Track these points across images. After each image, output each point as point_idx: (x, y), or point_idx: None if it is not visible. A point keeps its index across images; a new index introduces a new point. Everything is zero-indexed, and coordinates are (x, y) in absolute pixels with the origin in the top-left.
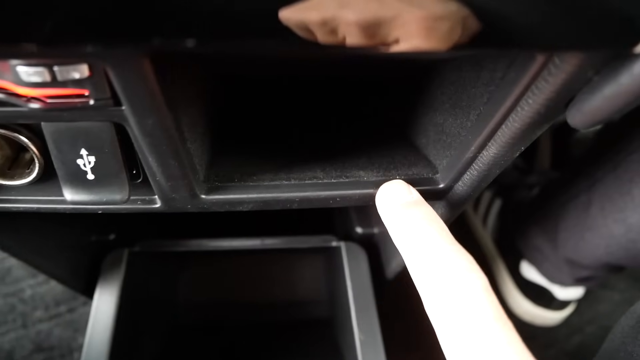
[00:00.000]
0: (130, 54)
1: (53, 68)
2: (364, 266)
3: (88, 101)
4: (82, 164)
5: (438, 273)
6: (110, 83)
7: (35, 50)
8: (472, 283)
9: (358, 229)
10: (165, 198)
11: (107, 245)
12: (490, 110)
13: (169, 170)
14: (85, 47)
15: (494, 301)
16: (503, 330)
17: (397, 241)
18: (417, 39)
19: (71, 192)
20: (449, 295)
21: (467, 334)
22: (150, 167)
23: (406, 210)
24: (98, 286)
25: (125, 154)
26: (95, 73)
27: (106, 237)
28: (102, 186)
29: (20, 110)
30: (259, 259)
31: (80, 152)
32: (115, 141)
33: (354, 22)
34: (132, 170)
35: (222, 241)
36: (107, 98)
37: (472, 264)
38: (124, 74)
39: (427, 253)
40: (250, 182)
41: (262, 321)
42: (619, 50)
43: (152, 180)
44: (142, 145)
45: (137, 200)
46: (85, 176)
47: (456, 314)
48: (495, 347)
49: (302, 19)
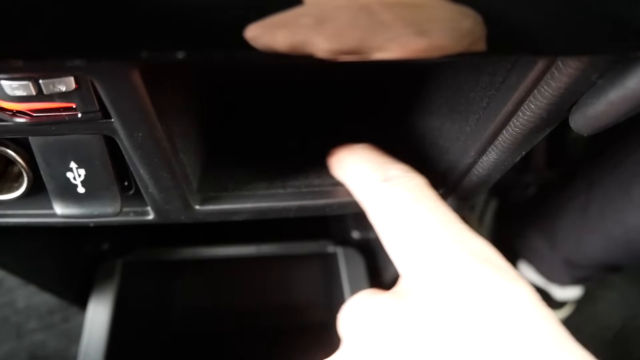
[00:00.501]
0: (118, 67)
1: (38, 81)
2: (361, 271)
3: (76, 114)
4: (72, 177)
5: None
6: (98, 95)
7: (21, 66)
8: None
9: (354, 233)
10: (158, 209)
11: (100, 255)
12: (490, 115)
13: (161, 182)
14: (72, 61)
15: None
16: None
17: (383, 236)
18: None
19: (61, 206)
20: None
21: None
22: (142, 179)
23: (388, 189)
24: (92, 296)
25: (116, 165)
26: (82, 85)
27: (99, 247)
28: (93, 199)
29: (5, 124)
30: (255, 266)
31: (70, 165)
32: (105, 153)
33: (327, 51)
34: (123, 182)
35: (217, 249)
36: (96, 111)
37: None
38: (111, 86)
39: (421, 251)
40: (245, 191)
41: (258, 328)
42: (627, 54)
43: (145, 192)
44: (133, 158)
45: (129, 212)
46: (75, 189)
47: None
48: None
49: (268, 44)
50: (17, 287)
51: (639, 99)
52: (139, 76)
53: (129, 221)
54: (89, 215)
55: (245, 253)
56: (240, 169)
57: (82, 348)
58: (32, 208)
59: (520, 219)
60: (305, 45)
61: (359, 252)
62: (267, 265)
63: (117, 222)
